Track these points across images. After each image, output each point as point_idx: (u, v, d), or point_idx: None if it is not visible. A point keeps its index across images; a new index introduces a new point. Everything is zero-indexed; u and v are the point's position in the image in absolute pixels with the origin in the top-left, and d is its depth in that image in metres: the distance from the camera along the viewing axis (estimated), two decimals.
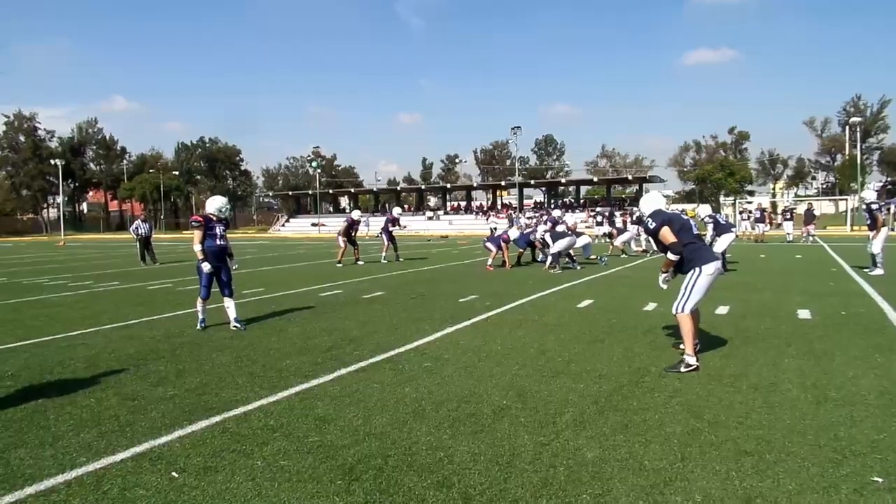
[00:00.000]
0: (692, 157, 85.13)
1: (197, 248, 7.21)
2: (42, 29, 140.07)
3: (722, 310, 8.13)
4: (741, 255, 18.23)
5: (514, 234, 15.89)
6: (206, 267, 7.21)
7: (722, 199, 62.43)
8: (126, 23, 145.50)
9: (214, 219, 7.39)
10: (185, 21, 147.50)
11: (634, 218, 20.57)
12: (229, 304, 7.44)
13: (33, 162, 78.72)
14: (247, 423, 4.02)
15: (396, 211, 19.61)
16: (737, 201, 52.11)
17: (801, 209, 33.60)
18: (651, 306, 8.55)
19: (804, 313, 7.87)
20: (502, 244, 15.17)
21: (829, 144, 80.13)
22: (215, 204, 7.53)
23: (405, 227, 19.63)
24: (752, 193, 71.33)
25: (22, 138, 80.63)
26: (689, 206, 14.86)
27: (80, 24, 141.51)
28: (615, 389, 4.65)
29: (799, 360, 5.48)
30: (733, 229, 14.40)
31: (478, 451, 3.48)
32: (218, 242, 7.33)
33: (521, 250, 16.34)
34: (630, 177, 65.82)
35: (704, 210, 14.33)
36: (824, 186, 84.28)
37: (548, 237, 14.92)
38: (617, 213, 37.05)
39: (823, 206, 61.38)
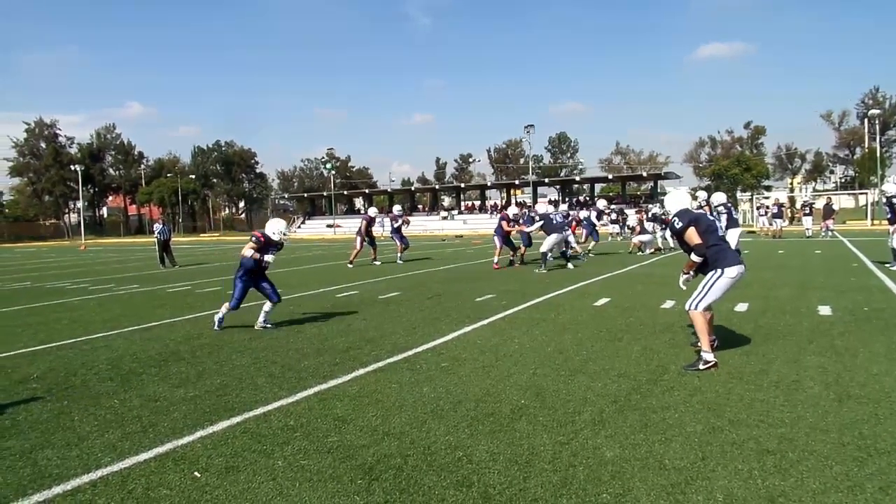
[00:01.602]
0: (707, 153, 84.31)
1: (248, 252, 7.20)
2: (56, 36, 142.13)
3: (741, 307, 8.05)
4: (759, 251, 18.05)
5: (511, 210, 15.85)
6: (267, 257, 7.27)
7: (738, 194, 61.74)
8: (137, 30, 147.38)
9: (273, 242, 7.42)
10: (195, 26, 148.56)
11: (650, 215, 20.40)
12: (268, 308, 7.52)
13: (54, 168, 79.92)
14: (267, 424, 4.06)
15: (397, 209, 19.65)
16: (753, 197, 51.54)
17: (820, 204, 33.20)
18: (669, 304, 8.49)
19: (825, 309, 7.77)
20: (504, 227, 15.04)
21: (847, 137, 78.86)
22: (278, 227, 7.47)
23: (408, 222, 19.46)
24: (769, 189, 70.48)
25: (43, 145, 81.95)
26: (720, 196, 14.67)
27: (92, 31, 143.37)
28: (634, 388, 4.63)
29: (820, 356, 5.42)
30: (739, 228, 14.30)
31: (497, 450, 3.49)
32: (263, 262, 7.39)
33: (524, 248, 16.18)
34: (645, 173, 65.38)
35: (718, 198, 14.25)
36: (843, 180, 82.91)
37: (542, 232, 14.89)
38: (631, 211, 36.78)
39: (843, 201, 60.52)
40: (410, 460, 3.38)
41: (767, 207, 31.28)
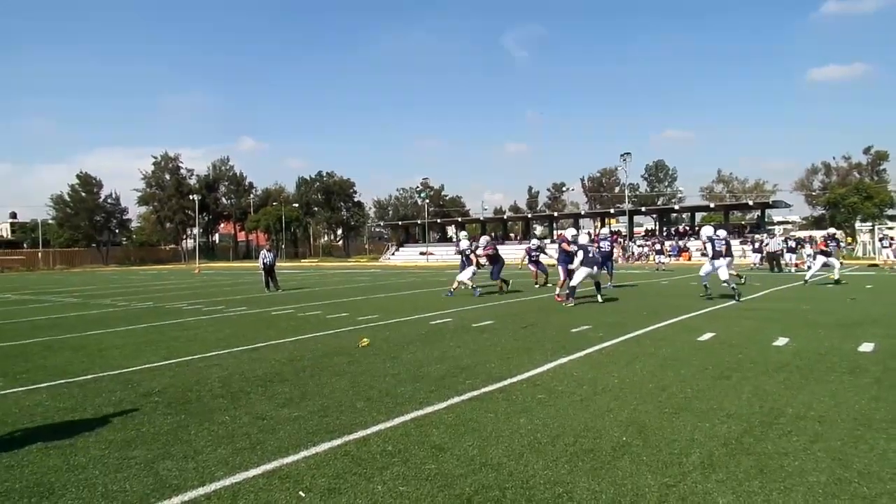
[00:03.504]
0: (821, 181, 78.70)
1: None
2: (184, 82, 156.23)
3: (866, 347, 7.36)
4: (885, 287, 16.47)
5: (570, 232, 15.50)
6: None
7: (858, 224, 56.94)
8: (252, 73, 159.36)
9: None
10: (302, 67, 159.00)
11: (757, 246, 19.11)
12: None
13: (175, 197, 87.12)
14: (366, 448, 4.14)
15: (464, 236, 19.00)
16: (876, 227, 47.34)
17: None
18: (782, 341, 7.90)
19: None
20: (565, 248, 14.58)
21: None
22: None
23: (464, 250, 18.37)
24: (892, 218, 64.56)
25: (167, 177, 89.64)
26: (707, 230, 14.05)
27: (213, 77, 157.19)
28: (746, 430, 4.33)
29: None
30: (726, 258, 13.55)
31: (598, 488, 3.36)
32: None
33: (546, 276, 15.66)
34: (750, 202, 61.79)
35: (706, 231, 13.73)
36: None
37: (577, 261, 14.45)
38: (737, 241, 34.90)
39: None
40: (509, 493, 3.33)
41: (892, 239, 28.63)
